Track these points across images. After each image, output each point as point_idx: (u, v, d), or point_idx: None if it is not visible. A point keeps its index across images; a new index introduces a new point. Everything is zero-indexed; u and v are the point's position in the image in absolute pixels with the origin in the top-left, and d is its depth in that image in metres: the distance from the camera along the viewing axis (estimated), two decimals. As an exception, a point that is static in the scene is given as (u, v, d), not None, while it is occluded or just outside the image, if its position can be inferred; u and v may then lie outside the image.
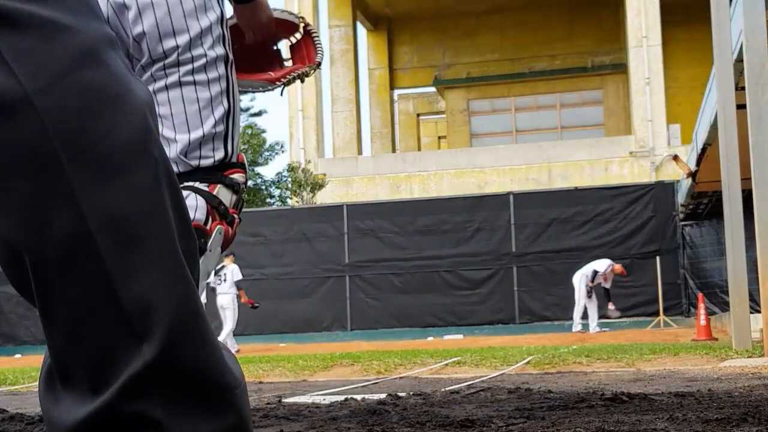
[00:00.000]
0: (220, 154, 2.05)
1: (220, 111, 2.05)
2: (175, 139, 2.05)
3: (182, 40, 2.03)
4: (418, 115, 39.21)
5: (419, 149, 37.06)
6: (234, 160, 2.09)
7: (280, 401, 4.76)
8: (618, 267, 16.43)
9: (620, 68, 30.87)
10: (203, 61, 2.04)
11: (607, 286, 16.56)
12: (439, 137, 40.53)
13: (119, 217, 0.94)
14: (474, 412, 3.51)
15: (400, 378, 7.48)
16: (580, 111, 32.04)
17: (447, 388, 5.34)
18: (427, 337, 17.61)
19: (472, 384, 5.83)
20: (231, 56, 2.10)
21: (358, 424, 3.06)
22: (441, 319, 19.03)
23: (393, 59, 34.63)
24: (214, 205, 2.00)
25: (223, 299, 15.10)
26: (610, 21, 31.51)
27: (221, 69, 2.06)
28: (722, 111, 9.21)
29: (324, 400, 4.75)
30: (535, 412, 3.34)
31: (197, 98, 2.03)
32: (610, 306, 16.43)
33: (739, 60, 8.90)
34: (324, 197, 25.91)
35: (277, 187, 26.21)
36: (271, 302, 17.61)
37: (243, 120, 40.59)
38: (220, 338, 15.57)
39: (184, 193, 1.93)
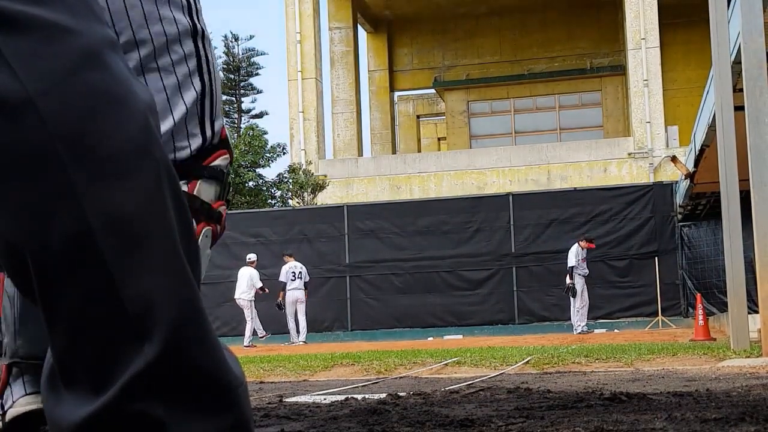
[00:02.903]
0: (197, 142, 1.77)
1: (190, 95, 1.77)
2: None
3: (135, 14, 1.73)
4: (418, 116, 39.22)
5: (419, 150, 37.06)
6: (216, 141, 1.80)
7: (281, 401, 4.77)
8: (583, 243, 16.38)
9: (619, 70, 30.88)
10: (163, 39, 1.75)
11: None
12: (439, 138, 40.56)
13: (121, 218, 0.94)
14: (474, 411, 3.51)
15: (400, 378, 7.49)
16: (578, 112, 32.04)
17: (447, 388, 5.35)
18: (427, 338, 17.61)
19: (472, 384, 5.83)
20: (201, 27, 1.81)
21: (358, 424, 3.07)
22: (441, 320, 19.03)
23: (393, 61, 34.64)
24: (195, 207, 1.71)
25: (299, 294, 17.57)
26: (609, 23, 31.53)
27: (188, 46, 1.78)
28: (720, 112, 9.21)
29: (324, 399, 4.76)
30: (534, 411, 3.35)
31: (164, 86, 1.74)
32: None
33: (737, 62, 8.89)
34: (324, 198, 25.92)
35: (278, 189, 26.20)
36: (271, 302, 17.63)
37: (244, 122, 40.58)
38: (297, 328, 17.41)
39: None
